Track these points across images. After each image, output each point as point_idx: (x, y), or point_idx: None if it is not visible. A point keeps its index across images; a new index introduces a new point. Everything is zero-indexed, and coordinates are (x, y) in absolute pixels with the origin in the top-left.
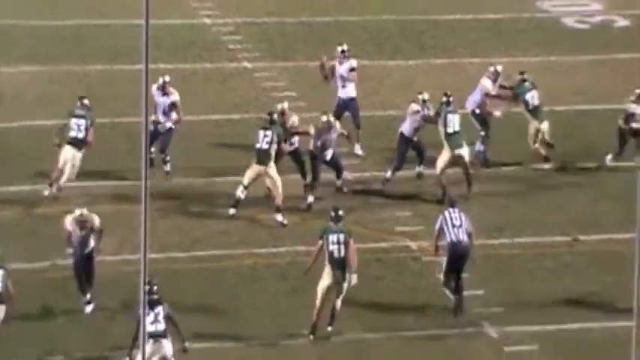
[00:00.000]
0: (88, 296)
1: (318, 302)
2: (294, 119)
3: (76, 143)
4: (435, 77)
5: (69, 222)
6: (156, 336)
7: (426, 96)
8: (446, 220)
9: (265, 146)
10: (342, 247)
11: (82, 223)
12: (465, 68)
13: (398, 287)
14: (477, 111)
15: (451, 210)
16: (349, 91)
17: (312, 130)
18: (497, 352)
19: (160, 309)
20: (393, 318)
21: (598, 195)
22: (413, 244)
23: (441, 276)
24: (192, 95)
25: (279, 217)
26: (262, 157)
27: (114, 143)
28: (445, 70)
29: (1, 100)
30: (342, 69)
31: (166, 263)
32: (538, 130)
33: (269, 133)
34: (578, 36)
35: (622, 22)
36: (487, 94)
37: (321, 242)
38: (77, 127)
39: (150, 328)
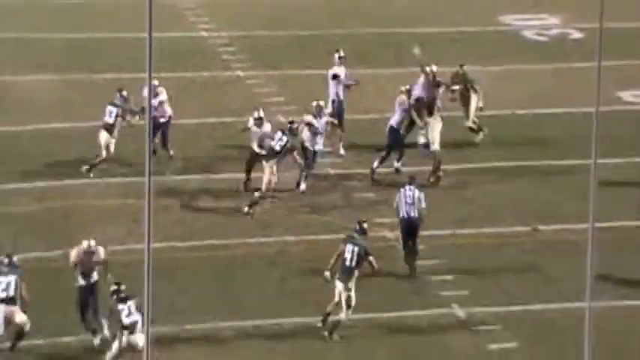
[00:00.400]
0: (93, 327)
1: (336, 298)
2: (267, 125)
3: (108, 128)
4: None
5: (75, 253)
6: (130, 328)
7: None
8: (400, 197)
9: (277, 148)
10: (355, 258)
11: (88, 254)
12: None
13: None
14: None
15: (407, 188)
16: (340, 94)
17: (307, 118)
18: (465, 331)
19: (131, 303)
20: (370, 300)
21: (556, 189)
22: (390, 234)
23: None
24: (191, 101)
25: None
26: (270, 156)
27: (121, 143)
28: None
29: (18, 105)
30: (341, 72)
31: (168, 252)
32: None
33: (284, 138)
34: (537, 47)
35: (577, 35)
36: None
37: (342, 247)
38: (109, 114)
39: (125, 321)
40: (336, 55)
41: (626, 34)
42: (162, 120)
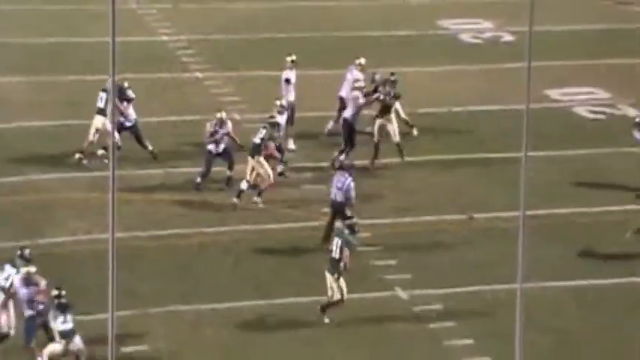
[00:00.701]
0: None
1: (329, 291)
2: (229, 125)
3: (100, 112)
4: (434, 85)
5: (16, 281)
6: (66, 335)
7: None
8: (333, 180)
9: (257, 141)
10: (338, 251)
11: (27, 281)
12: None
13: (320, 257)
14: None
15: (339, 173)
16: (291, 95)
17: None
18: (408, 312)
19: (69, 313)
20: (321, 281)
21: (489, 181)
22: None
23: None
24: (153, 101)
25: (257, 199)
26: (254, 151)
27: (82, 141)
28: (439, 77)
29: None
30: (292, 76)
31: (131, 241)
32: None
33: (263, 130)
34: (472, 49)
35: (508, 37)
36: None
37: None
38: (100, 100)
39: (60, 328)
40: (288, 59)
41: (553, 37)
42: (128, 124)
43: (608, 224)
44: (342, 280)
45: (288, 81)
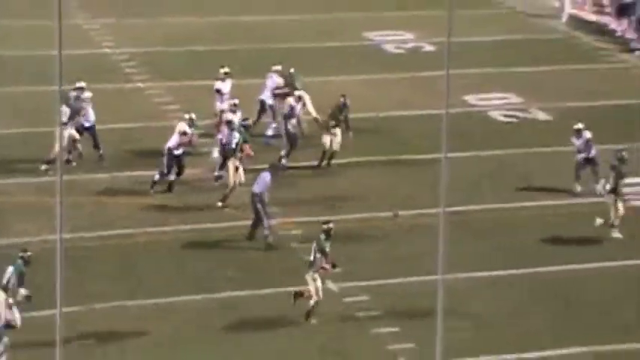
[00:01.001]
0: None
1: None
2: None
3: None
4: (361, 92)
5: None
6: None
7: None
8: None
9: (233, 145)
10: (313, 254)
11: None
12: (315, 84)
13: (262, 254)
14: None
15: (264, 170)
16: (225, 104)
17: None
18: (337, 303)
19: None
20: (262, 276)
21: (413, 180)
22: (272, 222)
23: None
24: (98, 109)
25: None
26: (230, 154)
27: (35, 147)
28: (365, 85)
29: None
30: (224, 87)
31: (78, 242)
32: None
33: (236, 135)
34: (396, 59)
35: (429, 48)
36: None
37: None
38: (64, 114)
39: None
40: (221, 71)
41: (471, 47)
42: (87, 124)
43: (521, 219)
44: (318, 282)
45: (219, 91)
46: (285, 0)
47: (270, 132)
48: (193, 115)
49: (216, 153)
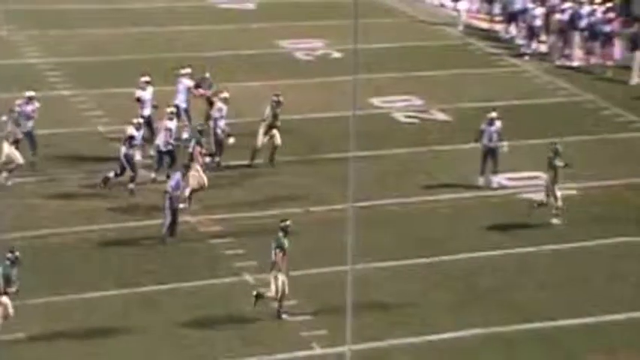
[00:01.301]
0: None
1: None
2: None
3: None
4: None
5: None
6: None
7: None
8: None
9: (190, 150)
10: (274, 252)
11: None
12: (232, 89)
13: (176, 250)
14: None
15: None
16: (146, 111)
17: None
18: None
19: None
20: (177, 271)
21: (324, 177)
22: (192, 219)
23: None
24: None
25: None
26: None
27: None
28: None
29: None
30: (145, 95)
31: (9, 241)
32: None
33: (193, 140)
34: (306, 65)
35: (336, 55)
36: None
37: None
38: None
39: None
40: (142, 79)
41: (376, 53)
42: (25, 130)
43: (424, 212)
44: (279, 279)
45: (139, 100)
46: (202, 12)
47: (185, 135)
48: (174, 109)
49: (138, 156)
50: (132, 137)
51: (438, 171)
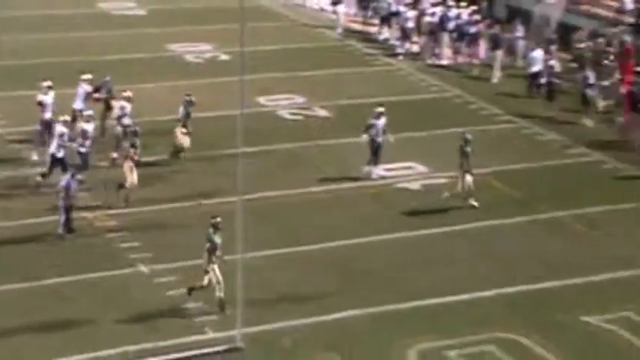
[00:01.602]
0: None
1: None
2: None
3: None
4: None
5: None
6: None
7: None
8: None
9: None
10: (206, 246)
11: None
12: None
13: (75, 245)
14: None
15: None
16: (47, 114)
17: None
18: (149, 284)
19: None
20: (79, 264)
21: (216, 172)
22: (89, 215)
23: None
24: None
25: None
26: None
27: None
28: (170, 91)
29: None
30: (47, 99)
31: None
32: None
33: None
34: (196, 67)
35: (224, 57)
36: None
37: None
38: None
39: None
40: (44, 84)
41: (260, 55)
42: None
43: (309, 202)
44: (211, 272)
45: (40, 103)
46: (98, 19)
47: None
48: (67, 118)
49: (35, 156)
50: (62, 135)
51: (322, 164)
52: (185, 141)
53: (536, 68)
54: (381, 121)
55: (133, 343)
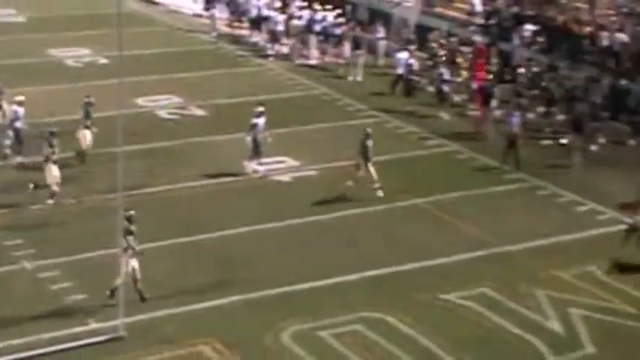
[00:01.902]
0: None
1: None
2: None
3: None
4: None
5: None
6: None
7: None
8: None
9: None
10: (125, 239)
11: None
12: (9, 95)
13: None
14: None
15: None
16: None
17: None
18: (33, 279)
19: None
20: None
21: (98, 171)
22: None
23: None
24: None
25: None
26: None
27: None
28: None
29: None
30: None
31: None
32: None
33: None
34: (75, 71)
35: (103, 61)
36: None
37: None
38: None
39: None
40: None
41: (138, 59)
42: None
43: (188, 197)
44: (130, 264)
45: None
46: None
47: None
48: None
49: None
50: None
51: (199, 160)
52: (86, 142)
53: (401, 69)
54: (262, 120)
55: (19, 337)
